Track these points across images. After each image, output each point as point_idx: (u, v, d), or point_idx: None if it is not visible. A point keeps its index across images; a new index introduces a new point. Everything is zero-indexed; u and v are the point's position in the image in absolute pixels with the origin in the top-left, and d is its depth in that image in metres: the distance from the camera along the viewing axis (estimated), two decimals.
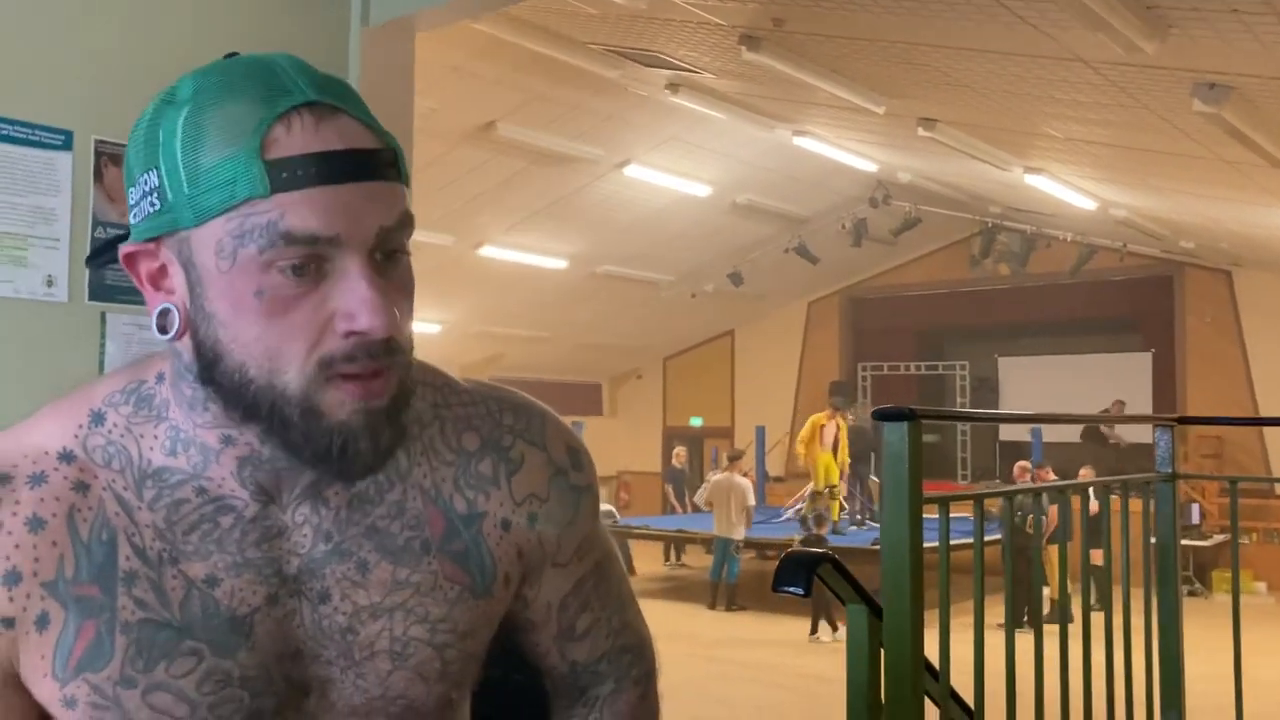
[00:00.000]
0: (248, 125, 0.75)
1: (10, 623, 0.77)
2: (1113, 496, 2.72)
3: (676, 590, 11.08)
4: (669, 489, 15.22)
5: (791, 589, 1.60)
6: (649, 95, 9.21)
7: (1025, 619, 6.82)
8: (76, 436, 0.82)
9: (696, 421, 18.21)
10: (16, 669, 0.78)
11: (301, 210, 0.74)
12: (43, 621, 0.78)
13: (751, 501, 10.65)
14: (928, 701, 1.73)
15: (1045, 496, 7.25)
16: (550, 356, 16.81)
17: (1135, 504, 2.93)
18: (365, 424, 0.78)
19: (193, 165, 0.75)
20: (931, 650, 1.89)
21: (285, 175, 0.74)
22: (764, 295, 16.05)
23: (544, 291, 14.27)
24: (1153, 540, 2.97)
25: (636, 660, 1.07)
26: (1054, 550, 6.95)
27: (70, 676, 0.78)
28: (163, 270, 0.80)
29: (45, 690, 0.78)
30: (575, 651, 1.02)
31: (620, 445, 17.71)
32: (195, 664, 0.80)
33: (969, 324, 15.96)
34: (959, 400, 16.10)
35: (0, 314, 2.11)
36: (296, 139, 0.75)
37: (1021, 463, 10.20)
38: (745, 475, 11.16)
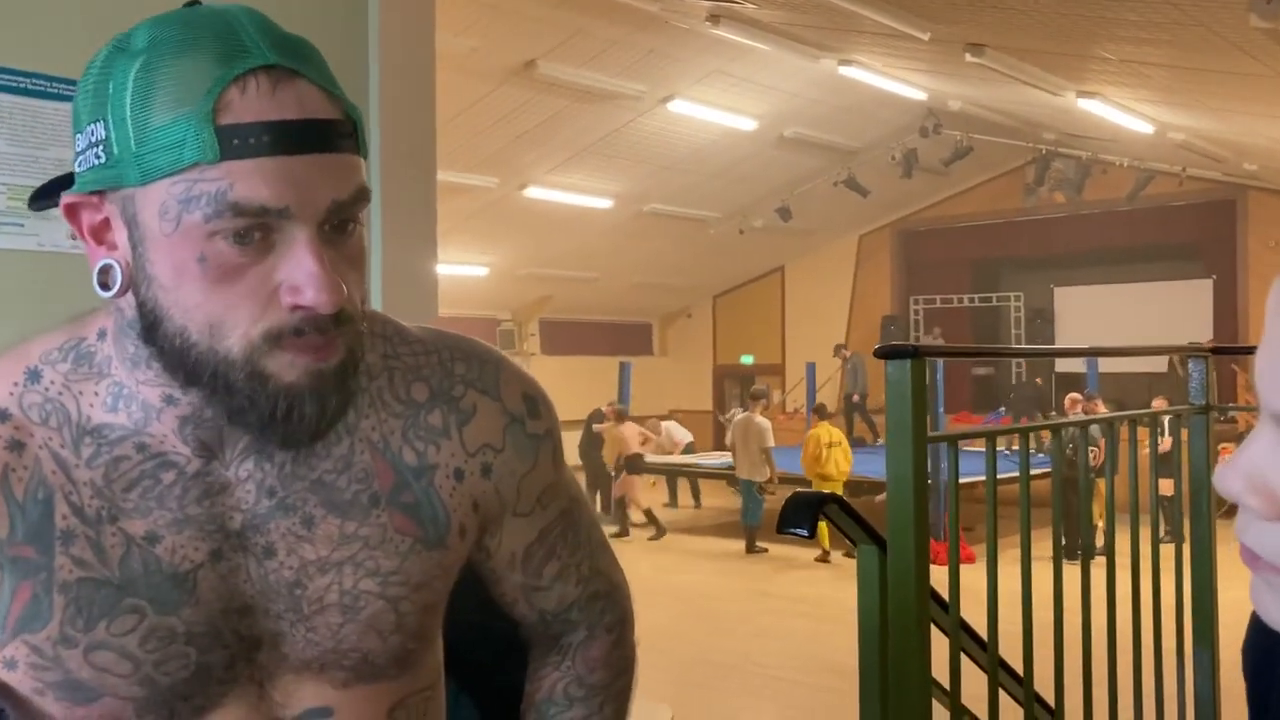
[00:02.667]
0: (201, 85, 0.72)
1: None
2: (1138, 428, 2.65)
3: (735, 527, 11.11)
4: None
5: (796, 530, 1.58)
6: (690, 28, 9.06)
7: (1077, 552, 6.77)
8: (12, 394, 0.81)
9: (747, 359, 18.16)
10: None
11: (251, 180, 0.72)
12: None
13: (770, 443, 10.28)
14: (939, 636, 1.72)
15: (1089, 430, 7.13)
16: (599, 297, 16.81)
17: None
18: (312, 386, 0.77)
19: (142, 122, 0.73)
20: (972, 584, 1.87)
21: (236, 142, 0.72)
22: (814, 230, 15.87)
23: (590, 232, 14.23)
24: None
25: (609, 607, 1.05)
26: (1102, 483, 6.88)
27: (9, 638, 0.78)
28: (106, 224, 0.78)
29: None
30: (543, 600, 1.01)
31: (671, 384, 17.74)
32: (137, 622, 0.79)
33: (1024, 254, 15.67)
34: (1014, 333, 15.87)
35: (25, 267, 2.13)
36: (251, 104, 0.72)
37: (1072, 394, 10.03)
38: (766, 415, 10.93)
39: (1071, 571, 2.32)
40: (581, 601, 1.03)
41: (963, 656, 2.02)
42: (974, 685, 2.06)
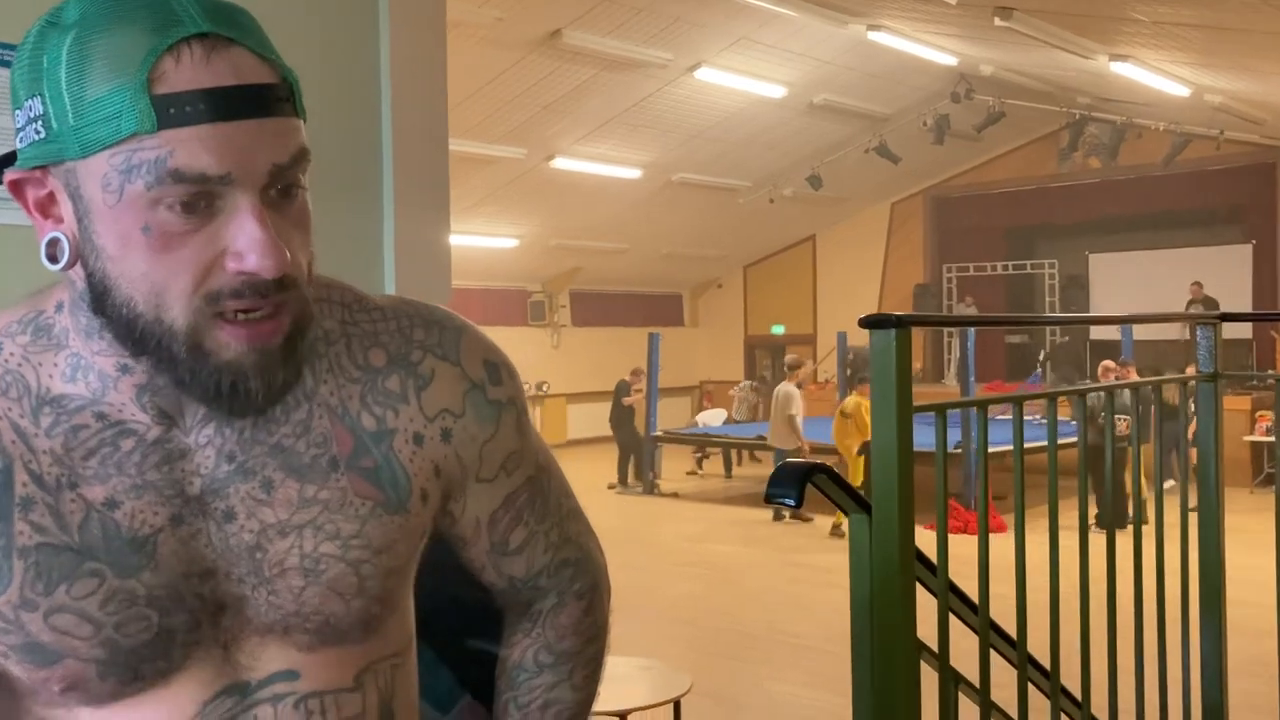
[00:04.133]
0: (135, 56, 0.72)
1: None
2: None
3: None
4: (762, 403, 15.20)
5: (783, 499, 1.58)
6: None
7: (1102, 520, 6.72)
8: None
9: (778, 329, 18.11)
10: None
11: (191, 147, 0.73)
12: None
13: (792, 411, 10.29)
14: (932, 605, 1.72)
15: (1117, 397, 7.06)
16: (629, 268, 16.80)
17: (1240, 402, 2.81)
18: (255, 364, 0.78)
19: (78, 96, 0.73)
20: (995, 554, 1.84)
21: (173, 111, 0.72)
22: (845, 198, 15.77)
23: (619, 202, 14.21)
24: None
25: (579, 574, 1.06)
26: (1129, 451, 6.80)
27: None
28: (51, 198, 0.78)
29: None
30: (511, 566, 1.01)
31: (702, 355, 17.75)
32: (97, 585, 0.80)
33: (1058, 221, 15.48)
34: (1048, 300, 15.72)
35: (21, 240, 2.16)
36: (186, 73, 0.73)
37: (1106, 362, 9.92)
38: (800, 385, 10.86)
39: (1100, 540, 2.32)
40: (551, 568, 1.03)
41: (965, 626, 2.03)
42: (1000, 674, 2.07)
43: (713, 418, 14.04)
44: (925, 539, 1.63)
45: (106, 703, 0.83)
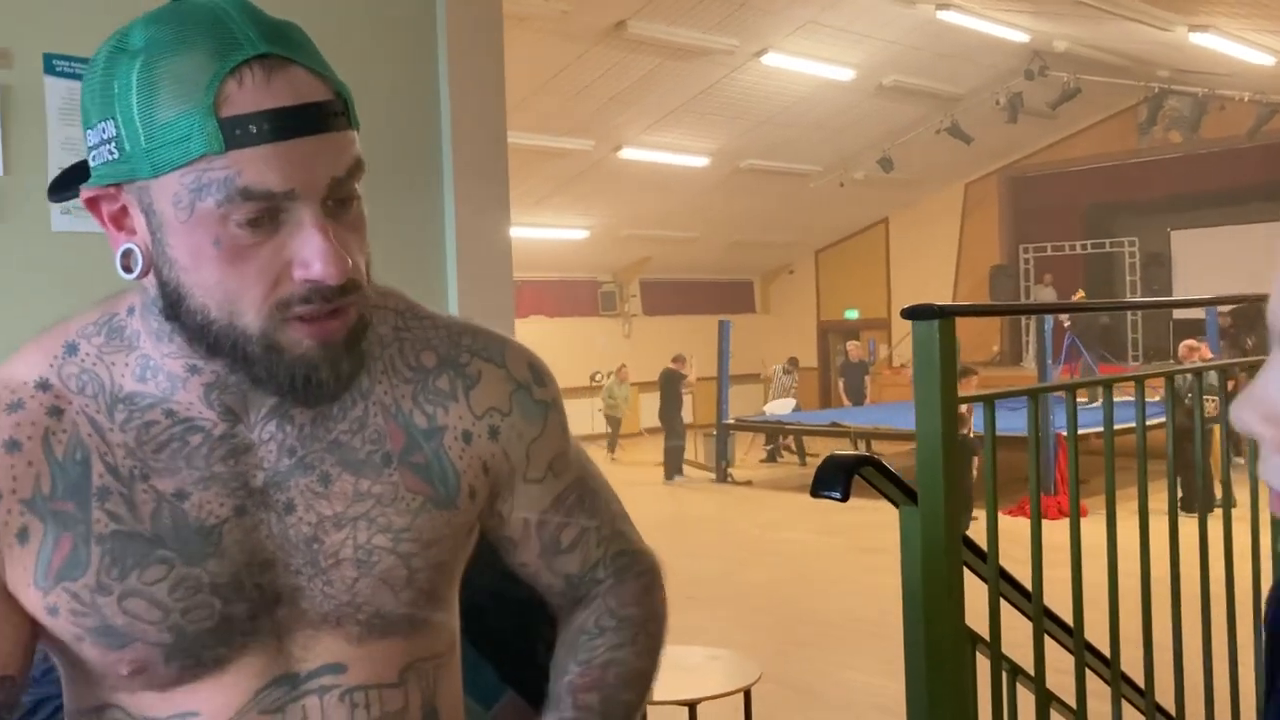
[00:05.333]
0: (200, 80, 0.77)
1: None
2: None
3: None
4: (840, 383, 15.08)
5: (830, 494, 1.58)
6: None
7: (1194, 505, 6.55)
8: (52, 366, 0.88)
9: (851, 314, 17.94)
10: (4, 579, 0.84)
11: (257, 166, 0.77)
12: (23, 535, 0.83)
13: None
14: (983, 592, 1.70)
15: (1204, 378, 6.89)
16: (699, 256, 16.78)
17: None
18: (324, 356, 0.83)
19: (148, 120, 0.77)
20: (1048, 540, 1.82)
21: (239, 132, 0.76)
22: (917, 180, 15.55)
23: (688, 191, 14.19)
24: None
25: (635, 563, 1.06)
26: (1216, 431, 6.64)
27: (51, 585, 0.84)
28: (124, 211, 0.83)
29: (31, 599, 0.85)
30: (566, 564, 1.03)
31: (774, 342, 17.64)
32: (166, 571, 0.85)
33: (1138, 197, 15.09)
34: (1129, 279, 15.34)
35: (93, 246, 2.24)
36: (249, 94, 0.77)
37: (1188, 341, 9.67)
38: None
39: (1189, 525, 2.28)
40: (607, 559, 1.04)
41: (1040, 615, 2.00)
42: (1059, 660, 2.04)
43: (781, 406, 13.97)
44: (1011, 527, 1.62)
45: (169, 687, 0.87)
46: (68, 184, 0.88)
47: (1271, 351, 0.49)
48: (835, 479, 1.56)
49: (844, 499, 1.61)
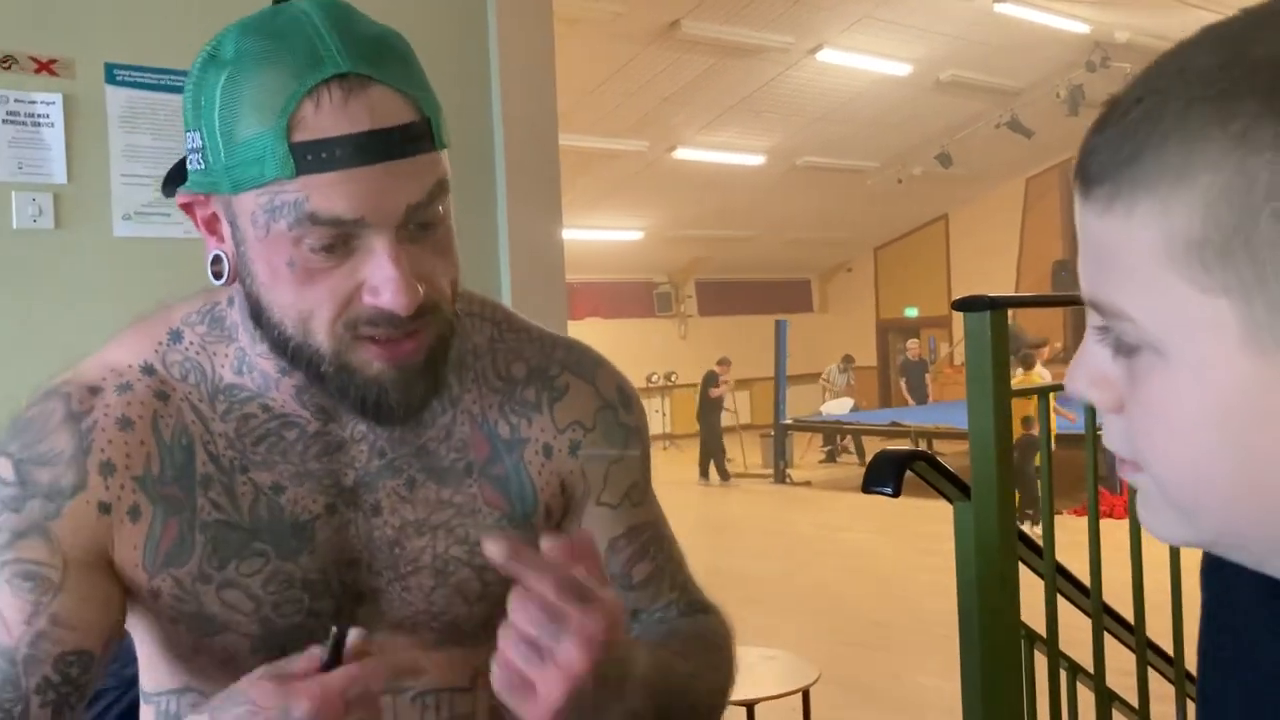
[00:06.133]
0: (277, 101, 0.76)
1: (107, 508, 0.83)
2: None
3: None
4: (902, 382, 14.94)
5: (881, 489, 1.55)
6: None
7: None
8: (157, 352, 0.89)
9: (911, 312, 17.76)
10: (111, 554, 0.85)
11: (327, 193, 0.76)
12: (135, 513, 0.84)
13: None
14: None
15: None
16: (755, 255, 16.71)
17: None
18: (395, 380, 0.82)
19: (228, 137, 0.77)
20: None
21: (310, 158, 0.75)
22: (977, 175, 15.36)
23: (743, 189, 14.14)
24: None
25: (707, 614, 1.01)
26: None
27: (158, 569, 0.85)
28: (215, 217, 0.83)
29: (136, 579, 0.86)
30: (635, 599, 0.98)
31: (832, 341, 17.51)
32: (262, 564, 0.86)
33: None
34: None
35: (171, 252, 2.28)
36: (324, 118, 0.75)
37: None
38: (1050, 364, 10.40)
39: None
40: (680, 606, 1.00)
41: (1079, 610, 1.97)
42: (1119, 660, 2.00)
43: (839, 406, 13.87)
44: (1077, 526, 1.58)
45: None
46: (176, 177, 0.88)
47: (1089, 317, 0.50)
48: (886, 474, 1.54)
49: (895, 494, 1.59)
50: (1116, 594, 2.03)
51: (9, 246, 1.93)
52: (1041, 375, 9.61)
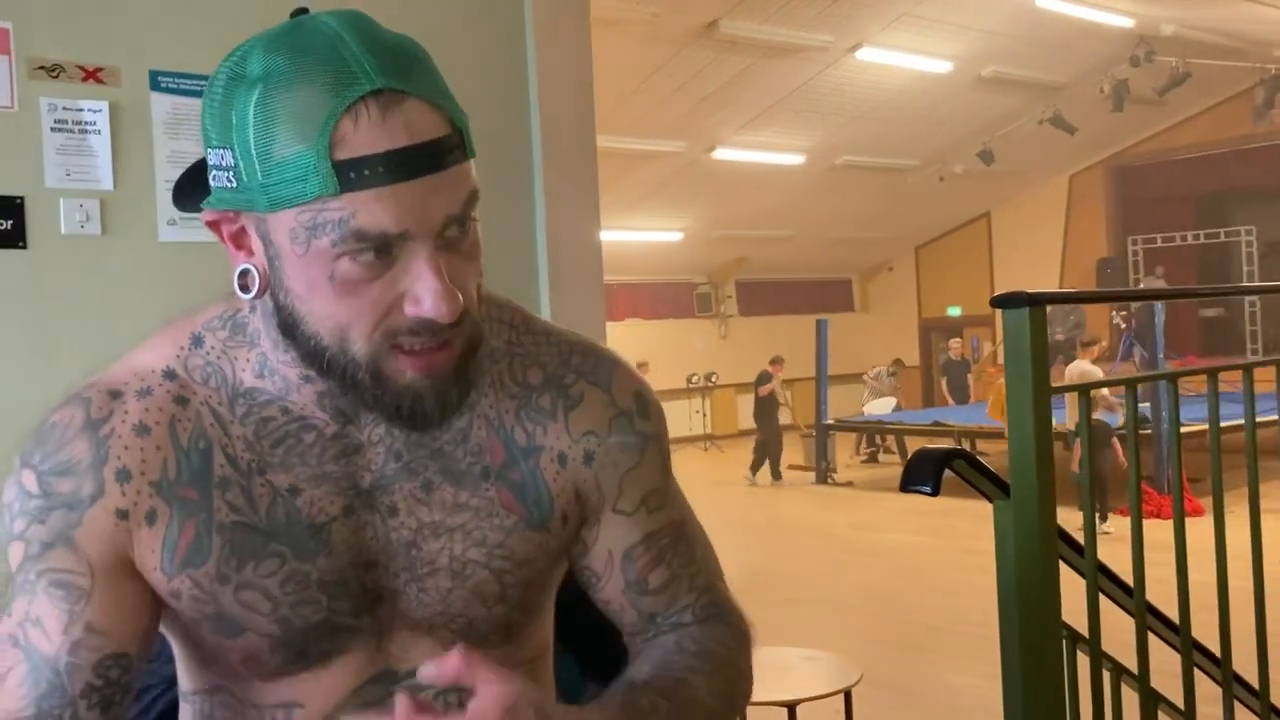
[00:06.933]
0: (316, 119, 0.76)
1: (125, 514, 0.86)
2: None
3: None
4: (943, 382, 14.81)
5: (920, 488, 1.54)
6: None
7: None
8: (178, 357, 0.91)
9: (954, 311, 17.60)
10: (133, 559, 0.87)
11: (372, 209, 0.77)
12: (151, 517, 0.86)
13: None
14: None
15: None
16: (795, 255, 16.64)
17: None
18: (430, 387, 0.83)
19: (265, 156, 0.78)
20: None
21: (354, 175, 0.76)
22: (1019, 172, 15.20)
23: (783, 189, 14.09)
24: None
25: (725, 614, 1.00)
26: None
27: (176, 571, 0.86)
28: (243, 232, 0.84)
29: (156, 582, 0.88)
30: (651, 604, 0.98)
31: (873, 340, 17.40)
32: (279, 565, 0.87)
33: (1255, 184, 14.49)
34: (1245, 269, 14.75)
35: (205, 258, 2.31)
36: (364, 136, 0.76)
37: None
38: (1096, 363, 10.21)
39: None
40: (696, 609, 0.99)
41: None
42: (1163, 662, 1.97)
43: (881, 406, 13.77)
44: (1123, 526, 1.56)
45: (273, 678, 0.90)
46: (189, 187, 0.90)
47: None
48: (925, 473, 1.53)
49: (934, 493, 1.58)
50: (1161, 595, 2.00)
51: (57, 252, 1.97)
52: (1093, 372, 9.47)
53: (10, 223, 1.92)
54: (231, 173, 0.80)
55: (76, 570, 0.85)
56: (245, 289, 0.84)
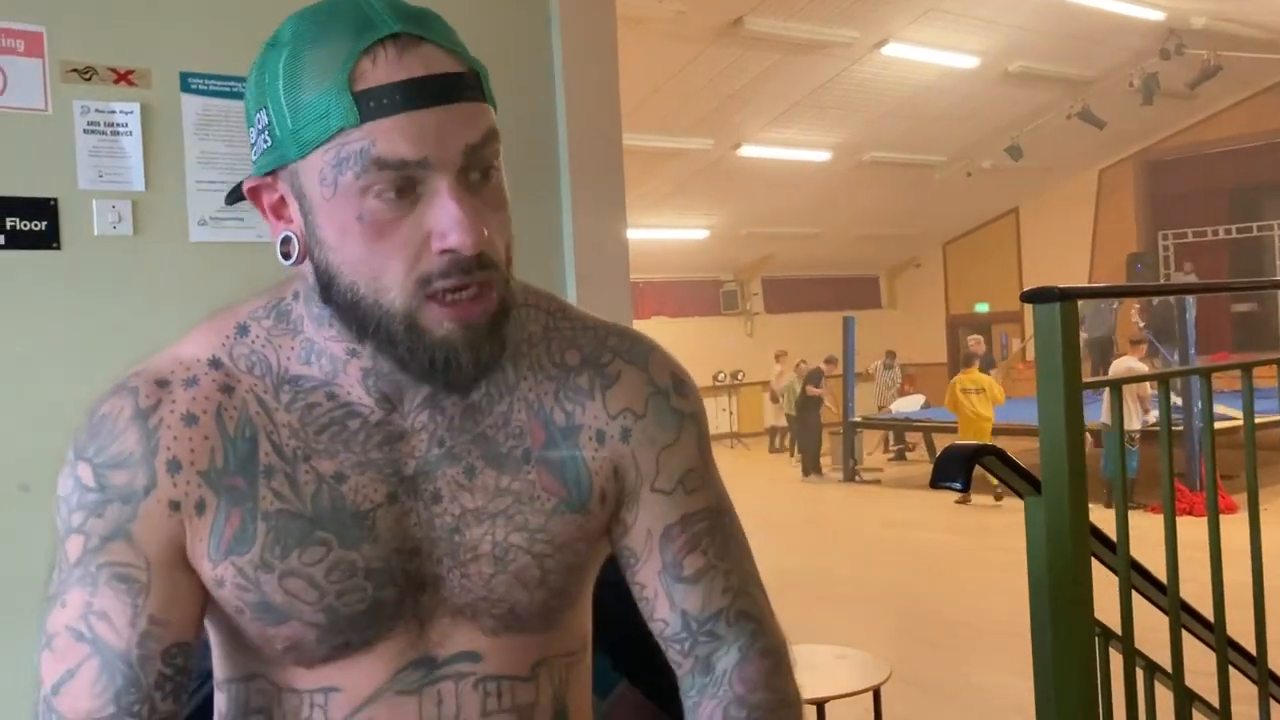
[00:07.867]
0: (337, 60, 0.80)
1: (177, 505, 0.87)
2: None
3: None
4: None
5: (949, 484, 1.53)
6: None
7: None
8: (224, 346, 0.92)
9: (982, 308, 17.49)
10: (185, 548, 0.88)
11: (390, 136, 0.79)
12: (201, 507, 0.87)
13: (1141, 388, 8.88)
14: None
15: None
16: (822, 252, 16.59)
17: None
18: (465, 339, 0.84)
19: (294, 102, 0.81)
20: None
21: (373, 104, 0.79)
22: (1048, 167, 15.09)
23: (810, 186, 14.05)
24: None
25: (761, 632, 0.98)
26: None
27: (221, 558, 0.87)
28: (282, 201, 0.86)
29: (204, 570, 0.89)
30: (686, 598, 0.96)
31: (901, 337, 17.32)
32: (324, 553, 0.87)
33: None
34: (1278, 263, 14.59)
35: (245, 257, 2.33)
36: (382, 69, 0.80)
37: None
38: (1142, 360, 10.08)
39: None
40: (730, 615, 0.97)
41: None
42: (1197, 660, 1.95)
43: (909, 403, 13.70)
44: (1145, 522, 1.55)
45: (316, 664, 0.91)
46: (240, 191, 0.92)
47: None
48: (955, 469, 1.52)
49: (964, 490, 1.57)
50: (1195, 593, 1.98)
51: (90, 252, 1.99)
52: (1138, 369, 9.37)
53: (44, 224, 1.94)
54: (267, 131, 0.83)
55: (135, 564, 0.86)
56: (287, 256, 0.86)
